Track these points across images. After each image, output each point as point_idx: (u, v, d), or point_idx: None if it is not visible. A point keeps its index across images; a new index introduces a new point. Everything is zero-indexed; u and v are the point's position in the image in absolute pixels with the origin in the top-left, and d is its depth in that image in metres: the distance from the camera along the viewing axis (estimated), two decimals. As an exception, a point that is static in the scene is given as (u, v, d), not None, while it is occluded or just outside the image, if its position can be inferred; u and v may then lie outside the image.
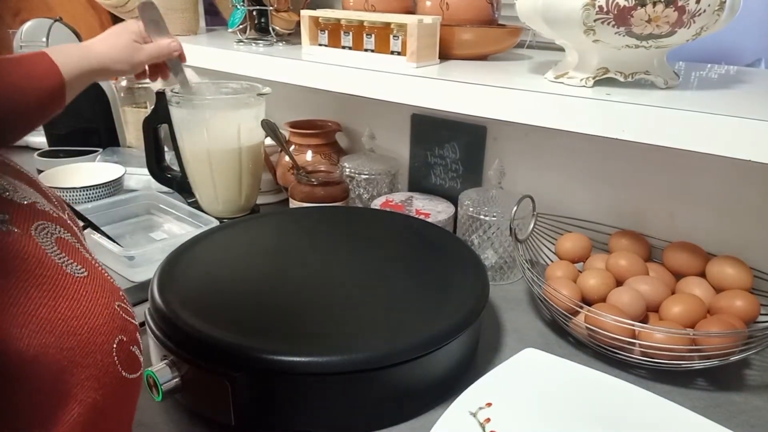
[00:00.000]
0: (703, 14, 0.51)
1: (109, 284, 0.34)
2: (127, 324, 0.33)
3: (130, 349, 0.32)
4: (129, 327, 0.33)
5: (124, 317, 0.33)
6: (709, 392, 0.58)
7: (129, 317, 0.34)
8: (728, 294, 0.61)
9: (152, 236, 0.88)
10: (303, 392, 0.49)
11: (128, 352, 0.32)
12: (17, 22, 1.38)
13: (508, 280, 0.80)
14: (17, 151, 1.28)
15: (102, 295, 0.32)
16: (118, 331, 0.32)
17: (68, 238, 0.34)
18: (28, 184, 0.37)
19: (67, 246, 0.33)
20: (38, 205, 0.35)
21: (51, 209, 0.36)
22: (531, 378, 0.55)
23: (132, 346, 0.33)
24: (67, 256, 0.32)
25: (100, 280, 0.33)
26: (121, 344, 0.32)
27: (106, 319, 0.31)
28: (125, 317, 0.33)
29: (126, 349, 0.32)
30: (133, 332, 0.33)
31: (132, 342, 0.33)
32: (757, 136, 0.46)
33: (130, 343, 0.32)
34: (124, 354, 0.32)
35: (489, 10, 0.76)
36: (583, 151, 0.79)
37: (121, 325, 0.32)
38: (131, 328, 0.33)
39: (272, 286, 0.60)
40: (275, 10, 0.91)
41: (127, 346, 0.32)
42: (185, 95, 0.85)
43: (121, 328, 0.32)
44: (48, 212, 0.35)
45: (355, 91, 0.72)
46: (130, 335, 0.33)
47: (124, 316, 0.33)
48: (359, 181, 0.92)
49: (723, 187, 0.69)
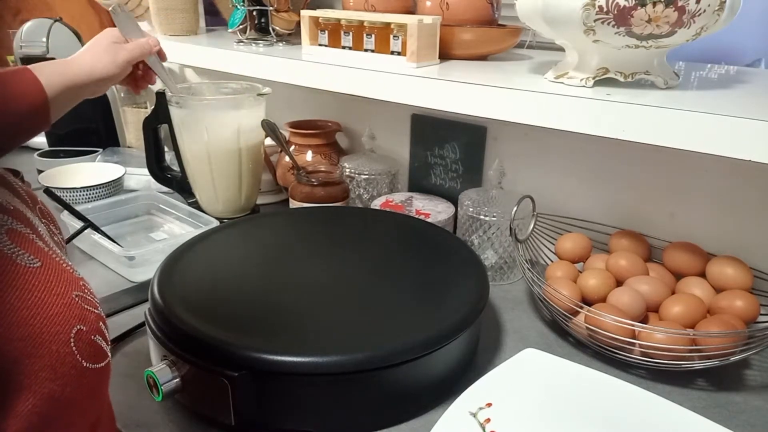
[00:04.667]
0: (703, 14, 0.51)
1: (67, 274, 0.33)
2: (87, 314, 0.33)
3: (92, 339, 0.32)
4: (89, 317, 0.33)
5: (83, 307, 0.32)
6: (709, 392, 0.58)
7: (90, 307, 0.33)
8: (728, 294, 0.61)
9: (152, 236, 0.88)
10: (303, 392, 0.49)
11: (89, 342, 0.32)
12: (17, 22, 1.39)
13: (508, 280, 0.80)
14: (17, 151, 1.27)
15: (57, 285, 0.32)
16: (76, 321, 0.31)
17: (21, 229, 0.34)
18: None
19: (20, 237, 0.33)
20: None
21: (6, 201, 0.35)
22: (531, 378, 0.55)
23: (94, 335, 0.32)
24: (18, 246, 0.32)
25: (55, 271, 0.32)
26: (80, 334, 0.31)
27: (61, 308, 0.31)
28: (85, 307, 0.33)
29: (86, 338, 0.32)
30: (94, 322, 0.33)
31: (93, 332, 0.33)
32: (757, 136, 0.46)
33: (90, 332, 0.32)
34: (83, 344, 0.31)
35: (489, 10, 0.76)
36: (583, 151, 0.79)
37: (80, 315, 0.32)
38: (92, 318, 0.33)
39: (272, 286, 0.60)
40: (275, 10, 0.91)
41: (88, 336, 0.32)
42: (184, 95, 0.85)
43: (80, 318, 0.32)
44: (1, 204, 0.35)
45: (355, 91, 0.72)
46: (90, 325, 0.32)
47: (83, 305, 0.33)
48: (359, 181, 0.92)
49: (723, 187, 0.69)
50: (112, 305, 0.69)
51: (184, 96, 0.85)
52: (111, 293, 0.72)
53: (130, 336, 0.63)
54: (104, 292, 0.72)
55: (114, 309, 0.69)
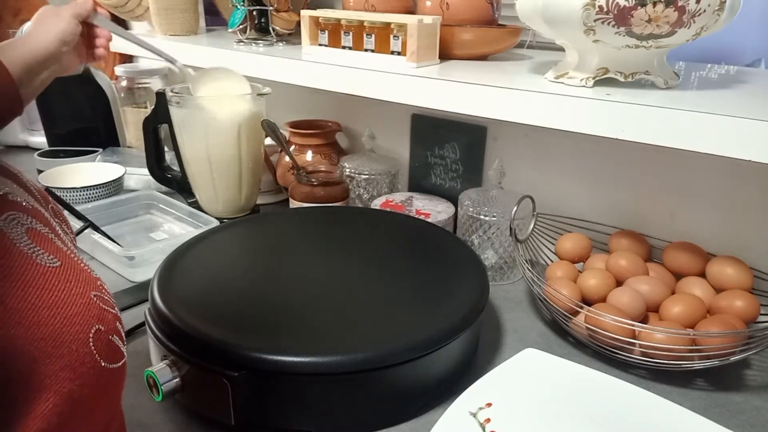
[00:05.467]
0: (703, 14, 0.51)
1: (86, 274, 0.33)
2: (105, 314, 0.32)
3: (109, 339, 0.32)
4: (107, 317, 0.33)
5: (101, 307, 0.32)
6: (709, 392, 0.58)
7: (107, 307, 0.33)
8: (728, 294, 0.61)
9: (152, 236, 0.88)
10: (303, 392, 0.49)
11: (107, 342, 0.32)
12: (17, 21, 1.38)
13: (508, 280, 0.80)
14: (17, 151, 1.28)
15: (76, 284, 0.32)
16: (95, 321, 0.31)
17: (41, 229, 0.34)
18: (5, 176, 0.37)
19: (39, 237, 0.33)
20: (10, 196, 0.35)
21: (25, 201, 0.35)
22: (531, 378, 0.55)
23: (111, 335, 0.32)
24: (38, 246, 0.32)
25: (74, 270, 0.32)
26: (99, 334, 0.31)
27: (80, 308, 0.31)
28: (103, 307, 0.33)
29: (104, 338, 0.32)
30: (111, 322, 0.33)
31: (111, 332, 0.33)
32: (757, 136, 0.46)
33: (108, 332, 0.32)
34: (102, 344, 0.31)
35: (489, 10, 0.76)
36: (583, 151, 0.79)
37: (98, 315, 0.32)
38: (110, 317, 0.33)
39: (272, 286, 0.60)
40: (275, 10, 0.91)
41: (106, 336, 0.32)
42: (183, 94, 0.85)
43: (98, 318, 0.32)
44: (20, 203, 0.35)
45: (355, 91, 0.72)
46: (108, 325, 0.32)
47: (102, 305, 0.33)
48: (359, 181, 0.92)
49: (723, 187, 0.69)
50: (112, 305, 0.69)
51: (183, 96, 0.85)
52: (111, 293, 0.72)
53: (130, 336, 0.63)
54: (104, 292, 0.72)
55: (114, 309, 0.69)
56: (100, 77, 1.19)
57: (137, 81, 1.24)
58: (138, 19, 1.16)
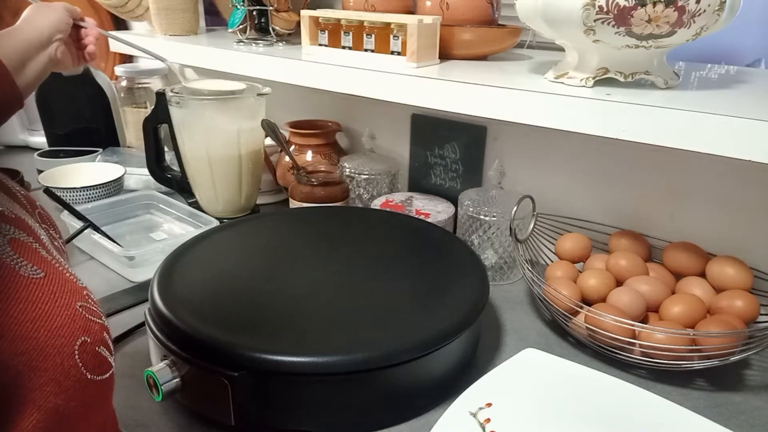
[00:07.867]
0: (703, 14, 0.50)
1: (71, 284, 0.32)
2: (91, 324, 0.32)
3: (96, 350, 0.32)
4: (93, 327, 0.32)
5: (87, 318, 0.32)
6: (709, 392, 0.58)
7: (94, 317, 0.32)
8: (728, 294, 0.61)
9: (152, 236, 0.88)
10: (303, 392, 0.49)
11: (93, 354, 0.31)
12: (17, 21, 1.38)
13: (508, 280, 0.80)
14: (17, 151, 1.28)
15: (61, 295, 0.31)
16: (81, 332, 0.31)
17: (24, 238, 0.33)
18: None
19: (23, 247, 0.32)
20: None
21: (8, 210, 0.34)
22: (531, 378, 0.55)
23: (98, 346, 0.32)
24: (21, 257, 0.31)
25: (59, 281, 0.32)
26: (84, 345, 0.31)
27: (65, 320, 0.30)
28: (89, 318, 0.32)
29: (90, 350, 0.31)
30: (98, 333, 0.32)
31: (97, 343, 0.32)
32: (757, 136, 0.46)
33: (95, 344, 0.31)
34: (88, 355, 0.31)
35: (489, 10, 0.76)
36: (583, 151, 0.79)
37: (84, 326, 0.31)
38: (96, 328, 0.32)
39: (272, 286, 0.60)
40: (275, 10, 0.91)
41: (92, 348, 0.31)
42: (183, 95, 0.85)
43: (84, 329, 0.31)
44: (2, 212, 0.34)
45: (355, 91, 0.72)
46: (94, 336, 0.32)
47: (88, 316, 0.32)
48: (359, 181, 0.92)
49: (723, 187, 0.69)
50: (112, 305, 0.69)
51: (183, 96, 0.85)
52: (111, 293, 0.72)
53: (130, 336, 0.63)
54: (104, 292, 0.72)
55: (114, 309, 0.69)
56: (100, 77, 1.19)
57: (137, 81, 1.24)
58: (138, 19, 1.16)
